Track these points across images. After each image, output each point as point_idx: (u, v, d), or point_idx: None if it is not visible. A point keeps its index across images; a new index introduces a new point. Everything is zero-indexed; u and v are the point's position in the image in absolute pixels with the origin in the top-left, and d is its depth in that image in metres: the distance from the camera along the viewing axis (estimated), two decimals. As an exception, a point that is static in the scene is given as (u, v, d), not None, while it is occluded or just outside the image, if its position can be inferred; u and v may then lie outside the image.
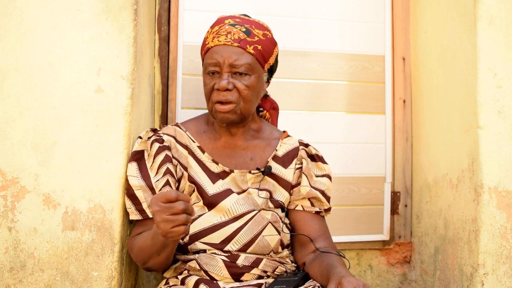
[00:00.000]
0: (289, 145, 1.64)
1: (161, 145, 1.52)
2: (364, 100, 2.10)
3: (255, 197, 1.54)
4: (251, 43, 1.50)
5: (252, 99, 1.52)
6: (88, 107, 1.49)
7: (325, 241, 1.58)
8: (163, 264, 1.44)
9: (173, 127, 1.60)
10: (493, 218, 1.65)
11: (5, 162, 1.45)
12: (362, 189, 2.09)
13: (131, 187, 1.47)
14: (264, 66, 1.54)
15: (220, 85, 1.47)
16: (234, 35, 1.49)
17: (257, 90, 1.53)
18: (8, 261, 1.44)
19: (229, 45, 1.49)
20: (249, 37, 1.50)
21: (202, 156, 1.56)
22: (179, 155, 1.55)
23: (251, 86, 1.50)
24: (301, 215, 1.60)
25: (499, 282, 1.64)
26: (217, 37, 1.51)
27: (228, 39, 1.49)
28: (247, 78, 1.50)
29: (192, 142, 1.57)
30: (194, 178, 1.53)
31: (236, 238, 1.48)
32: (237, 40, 1.49)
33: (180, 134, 1.58)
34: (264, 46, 1.53)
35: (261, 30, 1.54)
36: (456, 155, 1.80)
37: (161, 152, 1.51)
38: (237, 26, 1.51)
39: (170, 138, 1.55)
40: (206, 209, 1.51)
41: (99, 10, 1.51)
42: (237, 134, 1.59)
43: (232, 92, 1.48)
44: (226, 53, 1.48)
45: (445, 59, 1.89)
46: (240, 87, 1.48)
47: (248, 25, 1.53)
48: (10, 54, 1.46)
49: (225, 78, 1.48)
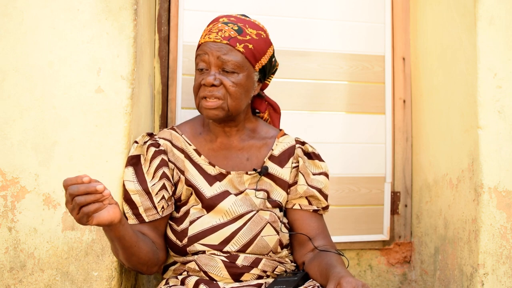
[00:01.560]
0: (286, 144, 1.63)
1: (157, 149, 1.51)
2: (364, 100, 2.10)
3: (253, 197, 1.54)
4: (241, 41, 1.49)
5: (240, 97, 1.50)
6: (88, 107, 1.49)
7: (324, 240, 1.58)
8: (136, 262, 1.40)
9: (169, 131, 1.59)
10: (493, 218, 1.65)
11: (5, 162, 1.45)
12: (362, 189, 2.09)
13: (127, 192, 1.47)
14: (255, 65, 1.53)
15: (206, 81, 1.47)
16: (225, 32, 1.49)
17: (246, 89, 1.52)
18: (8, 261, 1.44)
19: (218, 42, 1.48)
20: (240, 35, 1.50)
21: (198, 159, 1.56)
22: (175, 158, 1.54)
23: (239, 84, 1.49)
24: (299, 214, 1.60)
25: (499, 282, 1.63)
26: (209, 34, 1.51)
27: (218, 36, 1.49)
28: (235, 76, 1.49)
29: (188, 146, 1.57)
30: (191, 181, 1.53)
31: (235, 239, 1.48)
32: (226, 38, 1.48)
33: (176, 137, 1.57)
34: (256, 46, 1.52)
35: (255, 30, 1.53)
36: (456, 155, 1.80)
37: (157, 156, 1.50)
38: (229, 24, 1.51)
39: (166, 142, 1.55)
40: (205, 211, 1.51)
41: (99, 10, 1.51)
42: (232, 134, 1.58)
43: (219, 88, 1.48)
44: (214, 49, 1.48)
45: (445, 59, 1.89)
46: (227, 84, 1.47)
47: (242, 24, 1.53)
48: (10, 54, 1.46)
49: (212, 74, 1.47)
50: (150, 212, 1.47)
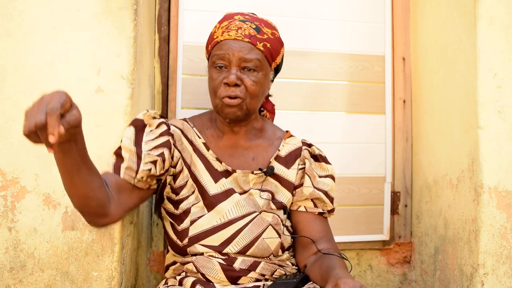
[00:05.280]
0: (292, 145, 1.62)
1: (167, 129, 1.49)
2: (364, 100, 2.10)
3: (257, 198, 1.53)
4: (261, 40, 1.49)
5: (259, 95, 1.50)
6: (88, 107, 1.49)
7: (328, 243, 1.56)
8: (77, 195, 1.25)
9: (181, 120, 1.58)
10: (493, 218, 1.65)
11: (5, 162, 1.45)
12: (362, 189, 2.09)
13: (120, 147, 1.43)
14: (271, 64, 1.53)
15: (229, 80, 1.45)
16: (245, 30, 1.48)
17: (264, 88, 1.52)
18: (8, 261, 1.44)
19: (240, 40, 1.47)
20: (259, 34, 1.49)
21: (206, 153, 1.54)
22: (183, 148, 1.53)
23: (259, 83, 1.48)
24: (303, 216, 1.58)
25: (499, 282, 1.63)
26: (227, 32, 1.49)
27: (239, 34, 1.47)
28: (255, 74, 1.48)
29: (198, 138, 1.56)
30: (197, 176, 1.52)
31: (236, 240, 1.47)
32: (247, 36, 1.48)
33: (188, 128, 1.56)
34: (273, 45, 1.52)
35: (269, 29, 1.53)
36: (456, 155, 1.80)
37: (165, 135, 1.47)
38: (247, 22, 1.51)
39: (177, 130, 1.54)
40: (206, 210, 1.49)
41: (99, 10, 1.51)
42: (240, 133, 1.57)
43: (240, 88, 1.47)
44: (236, 47, 1.46)
45: (445, 59, 1.89)
46: (248, 83, 1.47)
47: (258, 23, 1.52)
48: (10, 54, 1.46)
49: (234, 72, 1.46)
50: (129, 172, 1.41)
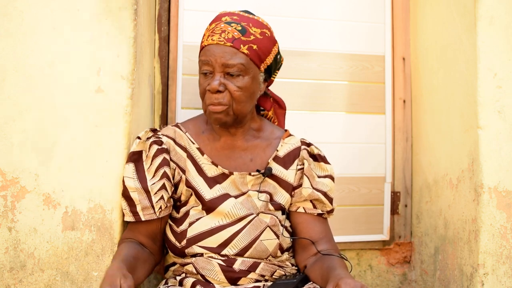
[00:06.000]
0: (291, 145, 1.61)
1: (159, 148, 1.49)
2: (364, 100, 2.10)
3: (255, 199, 1.52)
4: (245, 43, 1.46)
5: (245, 100, 1.48)
6: (88, 107, 1.49)
7: (327, 244, 1.55)
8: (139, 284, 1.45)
9: (173, 128, 1.57)
10: (493, 218, 1.65)
11: (5, 162, 1.45)
12: (362, 189, 2.09)
13: (126, 188, 1.46)
14: (260, 66, 1.50)
15: (211, 87, 1.44)
16: (228, 34, 1.45)
17: (251, 91, 1.49)
18: (8, 261, 1.44)
19: (222, 44, 1.45)
20: (244, 36, 1.46)
21: (201, 158, 1.54)
22: (177, 158, 1.53)
23: (244, 87, 1.46)
24: (302, 218, 1.57)
25: (499, 282, 1.63)
26: (211, 36, 1.47)
27: (222, 38, 1.45)
28: (240, 79, 1.46)
29: (191, 144, 1.55)
30: (191, 183, 1.51)
31: (233, 242, 1.46)
32: (230, 40, 1.45)
33: (180, 135, 1.55)
34: (261, 46, 1.49)
35: (259, 29, 1.50)
36: (456, 155, 1.80)
37: (159, 154, 1.48)
38: (233, 24, 1.48)
39: (169, 140, 1.53)
40: (205, 213, 1.49)
41: (99, 10, 1.51)
42: (237, 134, 1.56)
43: (224, 95, 1.45)
44: (218, 52, 1.44)
45: (445, 59, 1.89)
46: (232, 89, 1.45)
47: (245, 23, 1.49)
48: (10, 54, 1.46)
49: (217, 79, 1.45)
50: (148, 211, 1.46)
